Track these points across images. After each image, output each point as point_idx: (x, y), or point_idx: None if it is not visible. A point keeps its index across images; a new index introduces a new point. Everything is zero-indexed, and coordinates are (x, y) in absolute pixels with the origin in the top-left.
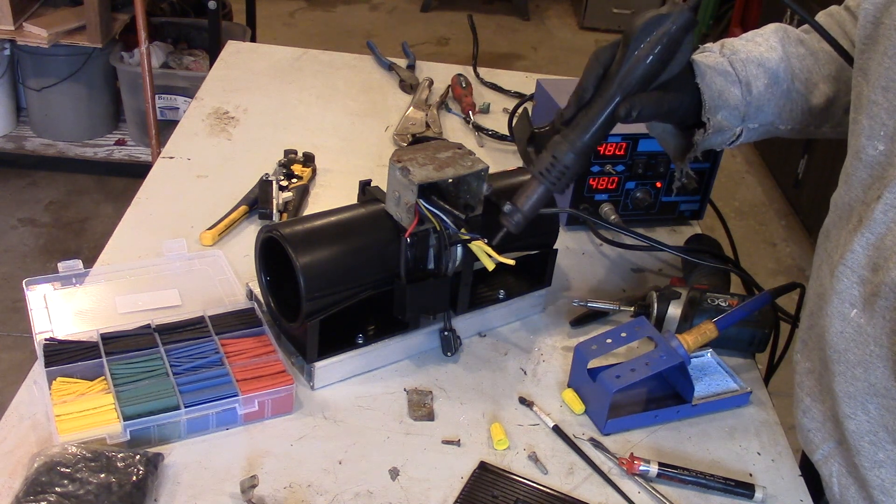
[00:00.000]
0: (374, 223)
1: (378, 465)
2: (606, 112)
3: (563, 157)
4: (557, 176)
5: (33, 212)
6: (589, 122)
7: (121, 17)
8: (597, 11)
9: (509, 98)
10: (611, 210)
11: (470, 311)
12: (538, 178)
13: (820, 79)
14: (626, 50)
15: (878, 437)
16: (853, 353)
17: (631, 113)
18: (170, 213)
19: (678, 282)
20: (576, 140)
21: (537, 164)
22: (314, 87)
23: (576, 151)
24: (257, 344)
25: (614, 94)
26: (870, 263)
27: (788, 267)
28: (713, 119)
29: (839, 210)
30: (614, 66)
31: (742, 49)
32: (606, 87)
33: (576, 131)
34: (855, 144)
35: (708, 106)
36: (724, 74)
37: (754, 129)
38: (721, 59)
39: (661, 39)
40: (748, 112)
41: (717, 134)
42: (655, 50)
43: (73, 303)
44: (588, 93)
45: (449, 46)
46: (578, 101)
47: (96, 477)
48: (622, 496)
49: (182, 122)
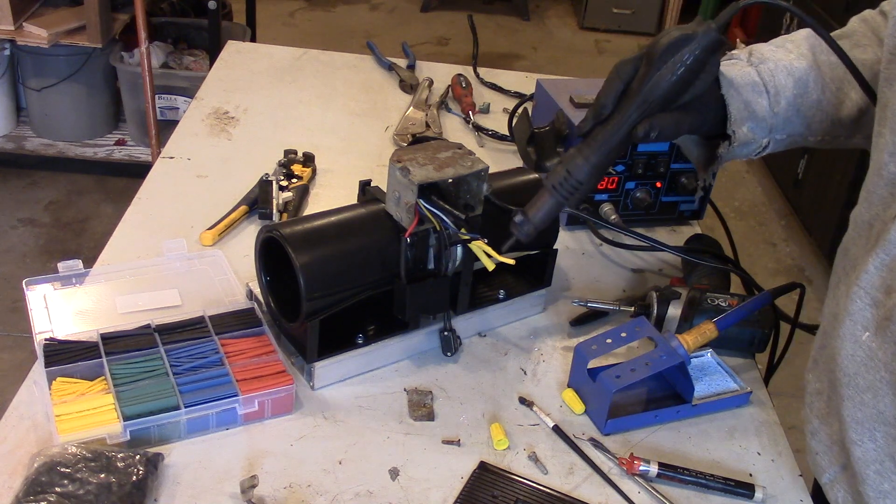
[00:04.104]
0: (374, 223)
1: (378, 465)
2: (624, 129)
3: (576, 173)
4: (570, 191)
5: (33, 212)
6: (605, 139)
7: (121, 17)
8: (597, 11)
9: (509, 98)
10: (611, 210)
11: (470, 311)
12: (550, 191)
13: (851, 88)
14: (649, 68)
15: (883, 467)
16: (863, 377)
17: (649, 134)
18: (170, 213)
19: (678, 282)
20: (591, 156)
21: (551, 178)
22: (314, 87)
23: (590, 167)
24: (257, 344)
25: (633, 113)
26: (883, 285)
27: (788, 267)
28: (738, 131)
29: (858, 228)
30: (635, 83)
31: (771, 57)
32: (626, 104)
33: (591, 147)
34: (878, 160)
35: (734, 118)
36: (752, 85)
37: (781, 140)
38: (749, 68)
39: (685, 61)
40: (775, 123)
41: (743, 146)
42: (678, 71)
43: (73, 303)
44: (607, 109)
45: (449, 46)
46: (596, 116)
47: (96, 477)
48: (622, 496)
49: (182, 122)
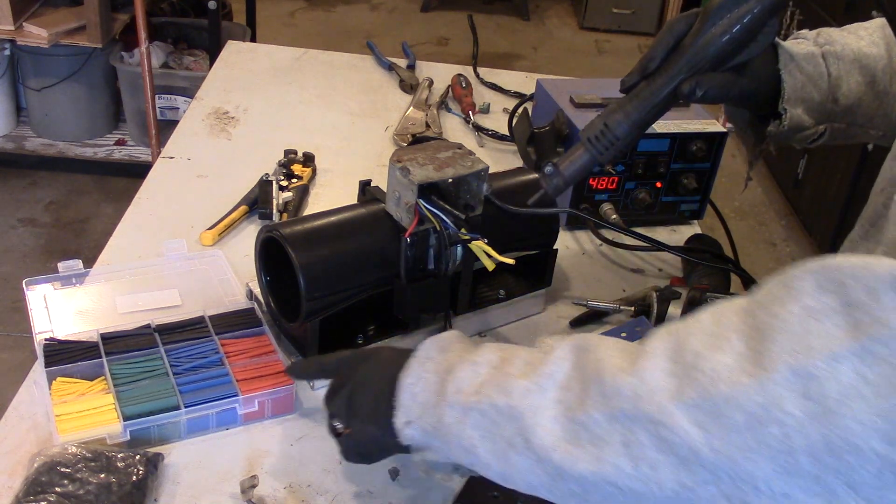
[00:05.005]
0: (374, 223)
1: (378, 465)
2: (670, 86)
3: (615, 127)
4: (606, 146)
5: (33, 212)
6: (650, 94)
7: (121, 17)
8: (597, 11)
9: (509, 98)
10: (611, 210)
11: (470, 311)
12: (586, 144)
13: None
14: (703, 24)
15: None
16: None
17: (696, 91)
18: (170, 213)
19: (678, 282)
20: (632, 112)
21: (587, 130)
22: (314, 87)
23: (630, 123)
24: (257, 344)
25: (681, 69)
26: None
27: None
28: (791, 111)
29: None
30: (688, 39)
31: (839, 40)
32: (675, 60)
33: (633, 102)
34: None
35: (787, 96)
36: (814, 66)
37: (840, 130)
38: (814, 48)
39: (742, 19)
40: (834, 111)
41: (796, 130)
42: (734, 29)
43: (73, 303)
44: (654, 63)
45: (449, 46)
46: (643, 70)
47: (96, 477)
48: None
49: (182, 122)
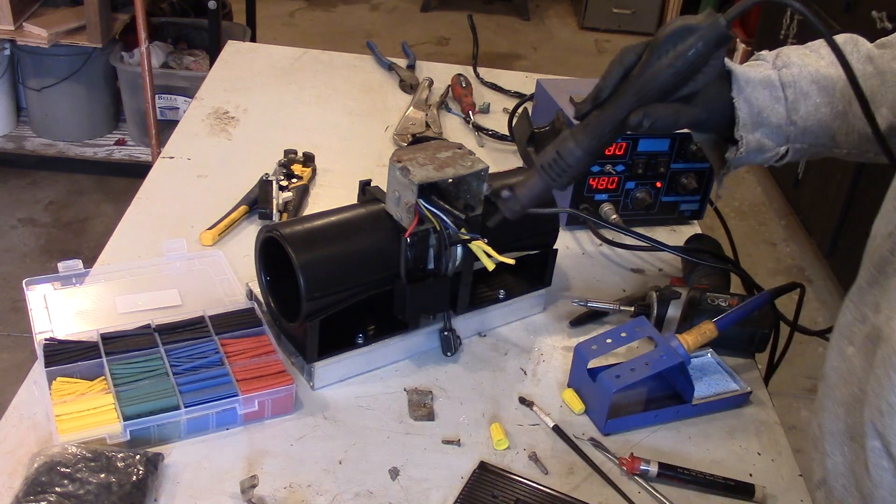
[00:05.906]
0: (374, 223)
1: (378, 465)
2: (619, 116)
3: (567, 156)
4: (559, 173)
5: (33, 212)
6: (601, 123)
7: (121, 17)
8: (597, 11)
9: (509, 98)
10: (611, 210)
11: (470, 311)
12: (539, 171)
13: (883, 103)
14: (650, 56)
15: (848, 482)
16: (840, 390)
17: (643, 123)
18: (170, 213)
19: (678, 282)
20: (583, 140)
21: (540, 157)
22: (314, 87)
23: (582, 151)
24: (257, 344)
25: (629, 100)
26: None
27: (788, 267)
28: (748, 137)
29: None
30: (636, 71)
31: (797, 62)
32: (624, 90)
33: (585, 130)
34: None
35: (742, 123)
36: (770, 89)
37: (801, 150)
38: (771, 71)
39: (685, 53)
40: (793, 132)
41: (757, 152)
42: (678, 63)
43: (73, 303)
44: (605, 93)
45: (449, 46)
46: (594, 100)
47: (96, 477)
48: (622, 496)
49: (182, 122)
